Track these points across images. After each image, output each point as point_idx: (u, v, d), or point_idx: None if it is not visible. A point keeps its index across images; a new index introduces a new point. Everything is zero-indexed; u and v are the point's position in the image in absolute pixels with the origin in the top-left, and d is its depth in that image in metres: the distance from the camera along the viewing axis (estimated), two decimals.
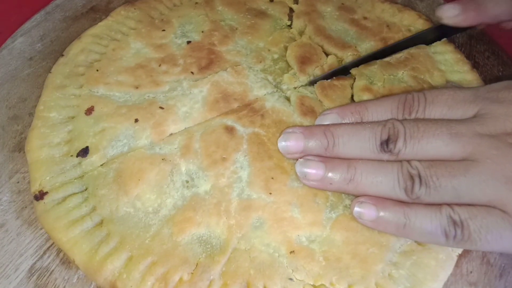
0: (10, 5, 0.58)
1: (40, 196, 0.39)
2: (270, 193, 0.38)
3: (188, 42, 0.49)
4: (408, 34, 0.52)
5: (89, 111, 0.43)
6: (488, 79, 0.50)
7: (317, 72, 0.48)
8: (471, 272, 0.37)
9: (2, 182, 0.43)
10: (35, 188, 0.39)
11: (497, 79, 0.38)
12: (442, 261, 0.36)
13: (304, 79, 0.47)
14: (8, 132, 0.46)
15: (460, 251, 0.37)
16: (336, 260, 0.36)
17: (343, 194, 0.39)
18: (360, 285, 0.35)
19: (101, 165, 0.41)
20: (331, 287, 0.35)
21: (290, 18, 0.54)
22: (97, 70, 0.46)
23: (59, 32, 0.54)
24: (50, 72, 0.47)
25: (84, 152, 0.41)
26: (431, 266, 0.36)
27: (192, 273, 0.35)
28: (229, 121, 0.43)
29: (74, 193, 0.39)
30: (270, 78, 0.47)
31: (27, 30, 0.54)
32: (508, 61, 0.52)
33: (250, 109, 0.44)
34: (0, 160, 0.44)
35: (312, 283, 0.35)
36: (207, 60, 0.48)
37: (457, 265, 0.37)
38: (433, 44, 0.51)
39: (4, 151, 0.44)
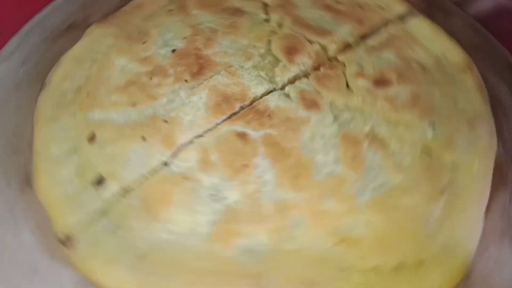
0: (10, 5, 0.55)
1: (67, 240, 0.36)
2: (300, 190, 0.39)
3: (173, 51, 0.47)
4: (382, 13, 0.53)
5: (91, 139, 0.41)
6: None
7: (306, 60, 0.48)
8: None
9: None
10: (60, 232, 0.37)
11: None
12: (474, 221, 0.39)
13: (295, 69, 0.47)
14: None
15: (484, 208, 0.40)
16: (382, 241, 0.37)
17: (367, 179, 0.40)
18: (412, 258, 0.37)
19: (122, 194, 0.39)
20: (384, 268, 0.37)
21: (266, 11, 0.54)
22: (87, 95, 0.44)
23: (40, 54, 0.50)
24: (36, 107, 0.43)
25: (99, 181, 0.39)
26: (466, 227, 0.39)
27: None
28: (239, 127, 0.42)
29: (103, 230, 0.37)
30: (262, 73, 0.47)
31: (7, 57, 0.50)
32: None
33: (255, 112, 0.43)
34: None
35: (364, 268, 0.37)
36: (197, 65, 0.46)
37: None
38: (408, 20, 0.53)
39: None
